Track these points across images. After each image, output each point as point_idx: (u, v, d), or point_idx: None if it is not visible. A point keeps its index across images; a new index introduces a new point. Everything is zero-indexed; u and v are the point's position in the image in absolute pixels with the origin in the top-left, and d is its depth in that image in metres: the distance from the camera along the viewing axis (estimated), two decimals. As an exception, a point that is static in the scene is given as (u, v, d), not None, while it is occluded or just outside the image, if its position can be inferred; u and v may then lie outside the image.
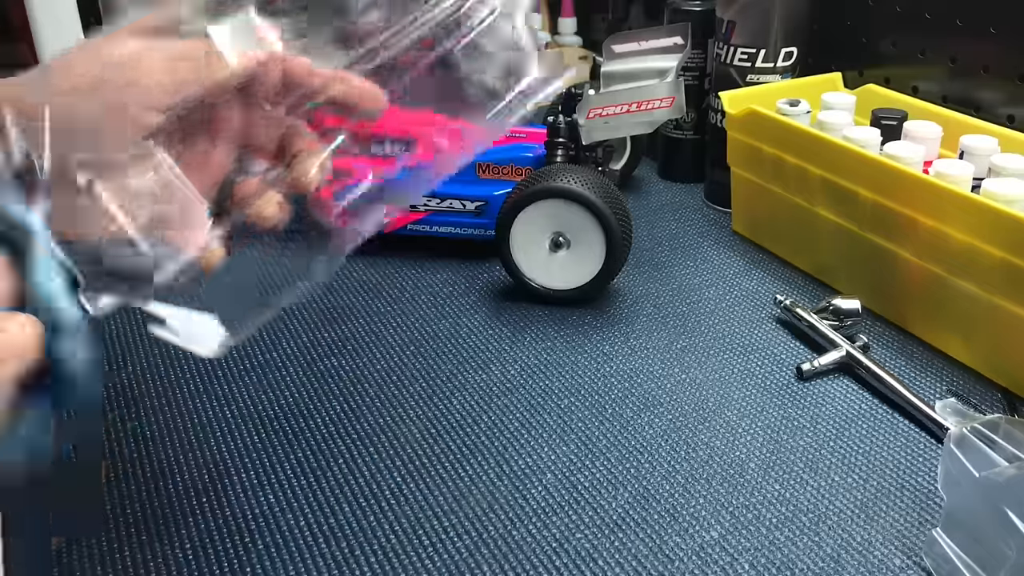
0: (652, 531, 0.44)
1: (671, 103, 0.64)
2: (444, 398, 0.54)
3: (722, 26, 0.73)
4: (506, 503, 0.46)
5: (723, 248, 0.72)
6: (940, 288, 0.56)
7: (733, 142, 0.71)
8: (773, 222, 0.70)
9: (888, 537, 0.43)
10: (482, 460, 0.49)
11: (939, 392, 0.54)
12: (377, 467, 0.48)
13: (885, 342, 0.59)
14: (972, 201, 0.52)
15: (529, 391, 0.55)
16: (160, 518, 0.45)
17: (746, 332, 0.60)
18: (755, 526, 0.44)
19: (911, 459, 0.49)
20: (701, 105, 0.81)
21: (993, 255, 0.51)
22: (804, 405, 0.53)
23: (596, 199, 0.60)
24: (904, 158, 0.58)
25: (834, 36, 0.79)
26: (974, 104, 0.69)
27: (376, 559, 0.43)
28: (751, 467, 0.48)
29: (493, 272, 0.68)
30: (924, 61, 0.73)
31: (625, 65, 0.66)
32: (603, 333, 0.61)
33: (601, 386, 0.55)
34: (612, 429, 0.51)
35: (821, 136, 0.62)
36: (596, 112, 0.64)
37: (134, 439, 0.51)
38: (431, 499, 0.46)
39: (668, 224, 0.76)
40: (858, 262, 0.62)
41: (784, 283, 0.67)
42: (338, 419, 0.52)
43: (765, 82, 0.73)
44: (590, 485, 0.47)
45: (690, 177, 0.84)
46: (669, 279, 0.67)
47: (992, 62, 0.67)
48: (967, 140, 0.60)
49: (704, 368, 0.57)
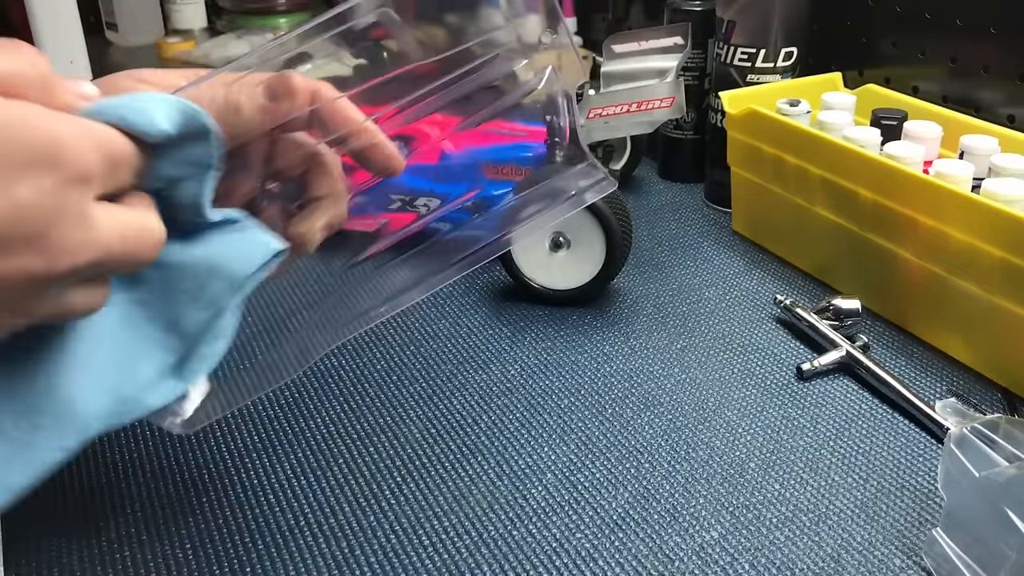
0: (652, 531, 0.44)
1: (671, 103, 0.64)
2: (444, 398, 0.54)
3: (722, 26, 0.73)
4: (506, 503, 0.46)
5: (723, 248, 0.72)
6: (940, 288, 0.56)
7: (733, 142, 0.71)
8: (773, 222, 0.70)
9: (888, 537, 0.43)
10: (482, 460, 0.49)
11: (939, 392, 0.54)
12: (377, 467, 0.48)
13: (885, 342, 0.59)
14: (972, 201, 0.52)
15: (529, 391, 0.55)
16: (160, 518, 0.45)
17: (746, 332, 0.60)
18: (755, 526, 0.44)
19: (911, 459, 0.49)
20: (701, 105, 0.81)
21: (993, 255, 0.51)
22: (804, 405, 0.53)
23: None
24: (904, 158, 0.58)
25: (834, 36, 0.79)
26: (974, 104, 0.69)
27: (376, 559, 0.43)
28: (751, 467, 0.48)
29: (493, 272, 0.68)
30: (924, 61, 0.73)
31: (625, 65, 0.66)
32: (603, 333, 0.60)
33: (601, 386, 0.55)
34: (612, 429, 0.51)
35: (821, 136, 0.62)
36: (596, 112, 0.64)
37: (134, 439, 0.51)
38: (431, 499, 0.46)
39: (668, 224, 0.76)
40: (858, 262, 0.62)
41: (784, 283, 0.67)
42: (338, 419, 0.52)
43: (765, 82, 0.73)
44: (590, 485, 0.47)
45: (690, 177, 0.84)
46: (669, 279, 0.67)
47: (992, 62, 0.67)
48: (967, 140, 0.60)
49: (704, 368, 0.57)
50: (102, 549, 0.43)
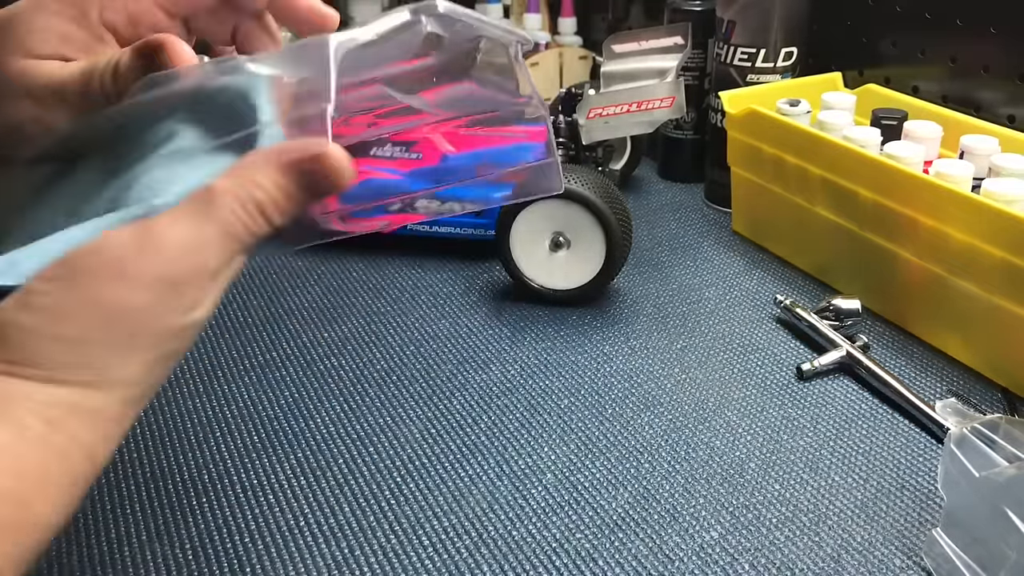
0: (652, 531, 0.44)
1: (671, 103, 0.64)
2: (444, 398, 0.54)
3: (722, 26, 0.73)
4: (506, 503, 0.46)
5: (723, 248, 0.72)
6: (940, 288, 0.56)
7: (733, 142, 0.71)
8: (773, 222, 0.70)
9: (888, 537, 0.43)
10: (482, 460, 0.49)
11: (939, 392, 0.54)
12: (377, 467, 0.48)
13: (885, 342, 0.59)
14: (972, 201, 0.52)
15: (529, 391, 0.55)
16: (160, 518, 0.45)
17: (746, 332, 0.60)
18: (755, 526, 0.44)
19: (911, 459, 0.49)
20: (701, 105, 0.81)
21: (993, 255, 0.51)
22: (804, 405, 0.53)
23: (596, 199, 0.60)
24: (904, 158, 0.58)
25: (834, 36, 0.79)
26: (974, 104, 0.69)
27: (376, 559, 0.43)
28: (751, 467, 0.48)
29: (493, 272, 0.68)
30: (924, 61, 0.73)
31: (625, 65, 0.66)
32: (603, 333, 0.60)
33: (601, 386, 0.55)
34: (612, 429, 0.51)
35: (821, 136, 0.62)
36: (596, 112, 0.64)
37: (134, 439, 0.51)
38: (431, 499, 0.46)
39: (668, 224, 0.76)
40: (858, 262, 0.62)
41: (784, 283, 0.67)
42: (338, 419, 0.52)
43: (765, 82, 0.73)
44: (590, 485, 0.47)
45: (690, 177, 0.84)
46: (669, 279, 0.67)
47: (992, 62, 0.67)
48: (967, 140, 0.60)
49: (704, 368, 0.57)
50: (102, 549, 0.43)
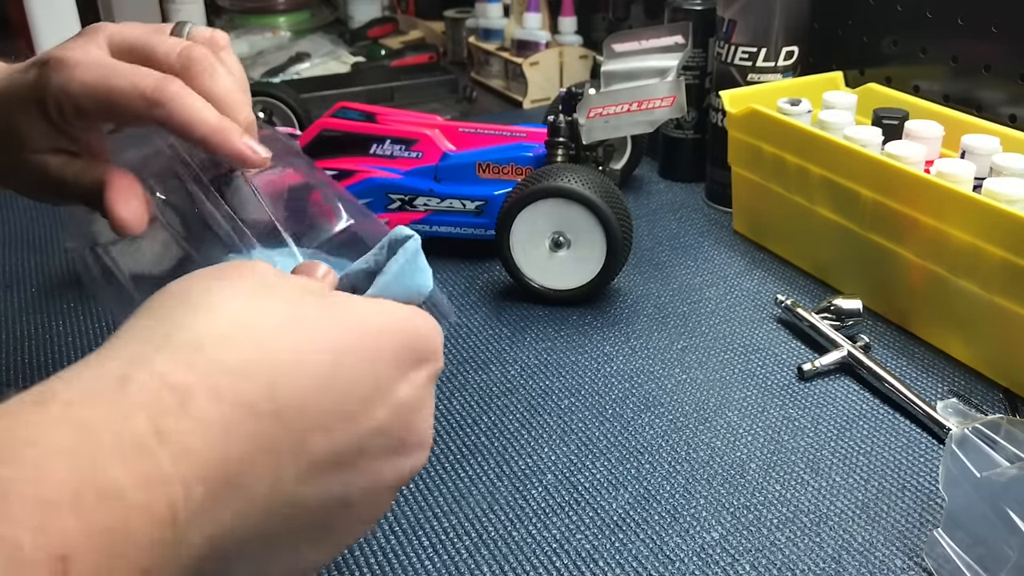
0: (653, 532, 0.44)
1: (672, 102, 0.64)
2: (444, 398, 0.54)
3: (723, 25, 0.73)
4: (506, 503, 0.46)
5: (724, 248, 0.72)
6: (941, 288, 0.56)
7: (734, 141, 0.71)
8: (774, 222, 0.70)
9: (889, 538, 0.43)
10: (482, 460, 0.49)
11: (940, 392, 0.54)
12: (377, 467, 0.48)
13: (886, 342, 0.59)
14: (973, 201, 0.52)
15: (529, 391, 0.55)
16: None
17: (747, 332, 0.60)
18: (756, 527, 0.44)
19: (912, 459, 0.49)
20: (702, 104, 0.81)
21: (994, 255, 0.51)
22: (805, 405, 0.53)
23: (596, 199, 0.59)
24: (905, 157, 0.58)
25: (835, 35, 0.79)
26: (975, 103, 0.69)
27: (376, 559, 0.42)
28: (752, 468, 0.48)
29: (493, 272, 0.68)
30: (925, 60, 0.73)
31: (625, 64, 0.66)
32: (603, 333, 0.60)
33: (601, 386, 0.55)
34: (612, 430, 0.51)
35: (822, 135, 0.62)
36: (596, 111, 0.64)
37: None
38: (431, 499, 0.46)
39: (668, 224, 0.76)
40: (859, 262, 0.62)
41: (785, 283, 0.67)
42: (338, 419, 0.52)
43: (766, 81, 0.73)
44: (590, 486, 0.47)
45: (690, 177, 0.84)
46: (669, 279, 0.67)
47: (993, 61, 0.67)
48: (968, 140, 0.60)
49: (705, 368, 0.57)
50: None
